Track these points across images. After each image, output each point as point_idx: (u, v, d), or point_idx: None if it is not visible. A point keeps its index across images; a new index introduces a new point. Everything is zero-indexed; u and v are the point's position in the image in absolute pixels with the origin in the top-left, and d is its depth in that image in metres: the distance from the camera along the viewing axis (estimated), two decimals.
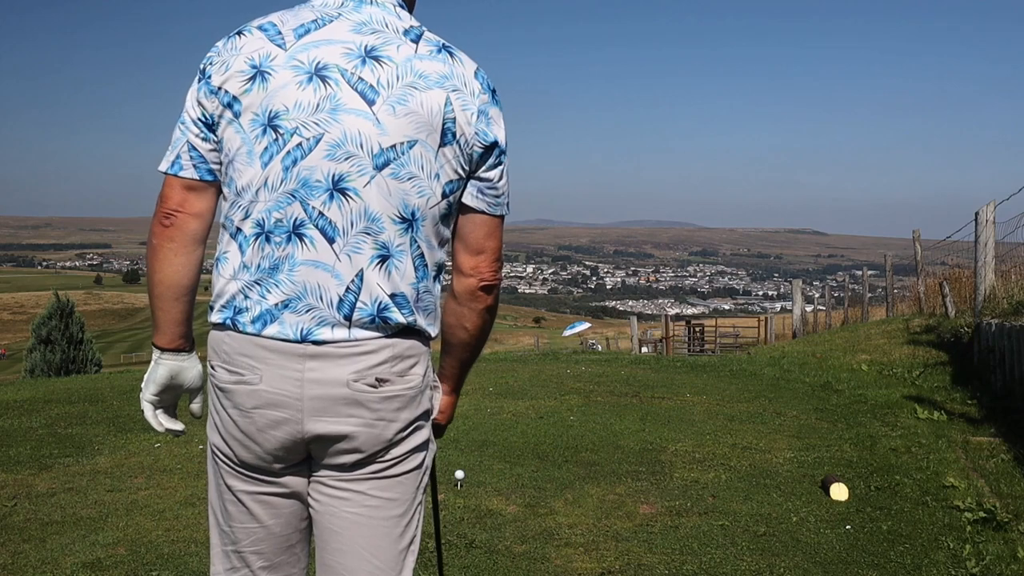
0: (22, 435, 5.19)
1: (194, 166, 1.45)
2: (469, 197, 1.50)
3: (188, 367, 1.55)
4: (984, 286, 8.03)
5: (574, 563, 3.13)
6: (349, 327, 1.42)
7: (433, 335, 1.54)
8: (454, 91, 1.44)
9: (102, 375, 10.27)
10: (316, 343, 1.41)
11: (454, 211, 1.51)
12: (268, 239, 1.42)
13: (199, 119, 1.45)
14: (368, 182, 1.41)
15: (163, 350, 1.53)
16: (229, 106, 1.42)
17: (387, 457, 1.49)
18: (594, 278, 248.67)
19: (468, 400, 6.49)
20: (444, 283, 1.58)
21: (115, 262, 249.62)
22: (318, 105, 1.40)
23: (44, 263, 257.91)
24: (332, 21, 1.44)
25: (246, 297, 1.43)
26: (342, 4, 1.47)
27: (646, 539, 3.38)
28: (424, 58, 1.44)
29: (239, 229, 1.44)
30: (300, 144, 1.40)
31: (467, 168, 1.48)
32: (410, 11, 1.54)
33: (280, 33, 1.43)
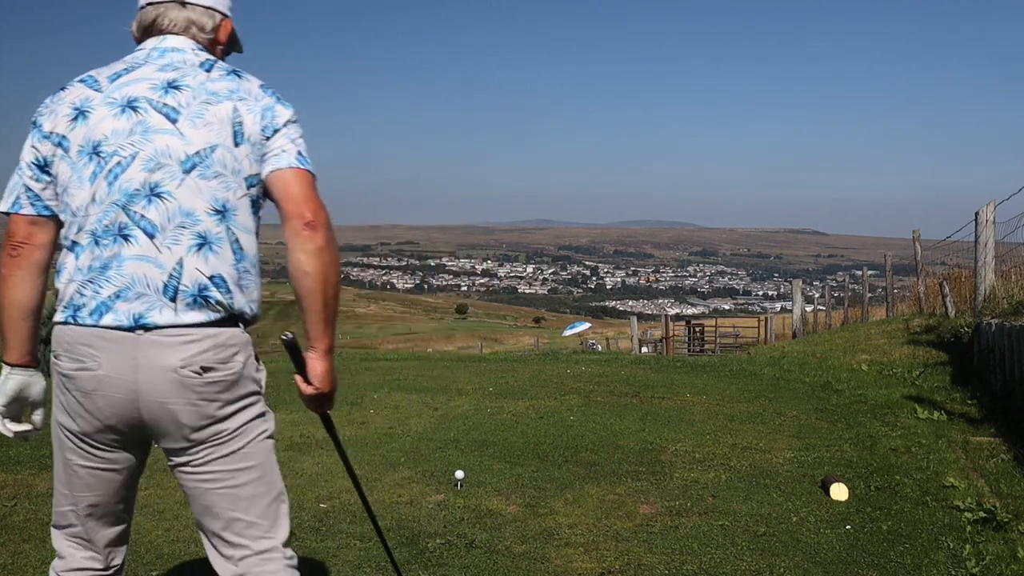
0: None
1: (31, 204, 1.75)
2: (265, 166, 1.77)
3: (34, 382, 1.83)
4: (984, 286, 8.03)
5: (574, 563, 3.13)
6: (175, 309, 1.67)
7: (249, 315, 1.77)
8: (240, 100, 1.76)
9: None
10: (147, 328, 1.66)
11: (260, 202, 1.80)
12: (98, 243, 1.69)
13: (33, 162, 1.75)
14: (179, 184, 1.69)
15: (13, 366, 1.80)
16: (60, 144, 1.73)
17: (222, 433, 1.73)
18: (594, 278, 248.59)
19: (468, 400, 6.49)
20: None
21: None
22: (131, 130, 1.71)
23: None
24: (141, 66, 1.78)
25: (82, 295, 1.69)
26: (148, 54, 1.80)
27: (646, 539, 3.38)
28: (215, 80, 1.77)
29: (75, 242, 1.71)
30: (119, 162, 1.69)
31: (259, 162, 1.77)
32: (222, 58, 1.90)
33: (97, 81, 1.77)
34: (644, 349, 23.62)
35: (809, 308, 19.28)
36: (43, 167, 1.75)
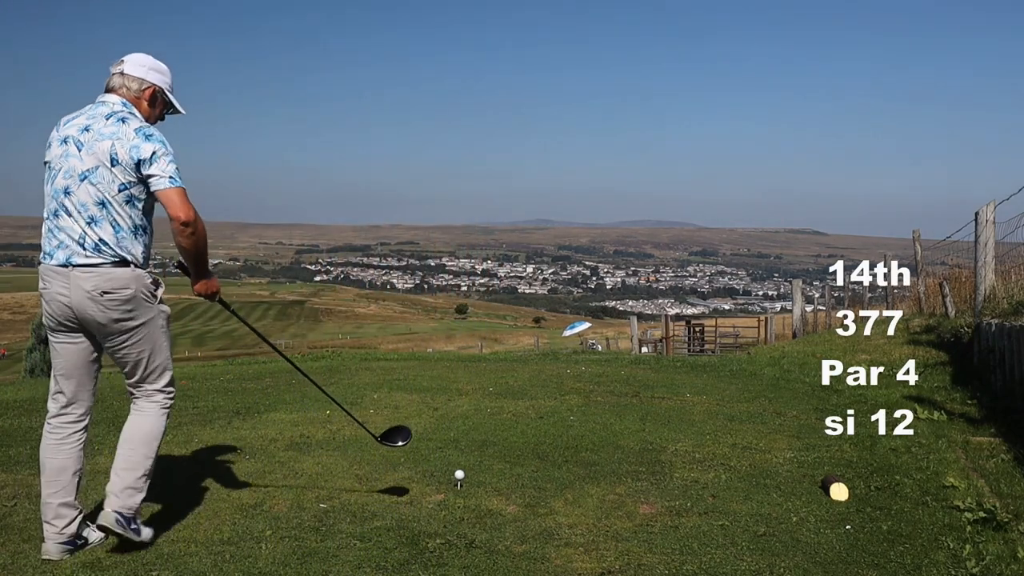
0: (22, 435, 5.19)
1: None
2: (152, 187, 3.07)
3: None
4: (984, 286, 8.03)
5: (574, 563, 3.12)
6: (86, 255, 3.04)
7: (133, 261, 3.10)
8: (117, 140, 3.06)
9: (101, 375, 10.25)
10: (73, 266, 3.04)
11: (135, 199, 3.09)
12: (49, 218, 3.11)
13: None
14: (78, 187, 3.06)
15: None
16: (45, 160, 3.17)
17: (123, 328, 3.12)
18: (594, 278, 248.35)
19: (468, 400, 6.49)
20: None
21: None
22: (62, 154, 3.10)
23: None
24: (82, 115, 3.16)
25: (45, 247, 3.12)
26: (92, 105, 3.18)
27: (646, 539, 3.37)
28: (107, 126, 3.09)
29: (45, 215, 3.12)
30: (56, 172, 3.11)
31: (135, 175, 3.06)
32: (152, 110, 3.26)
33: (59, 123, 3.18)
34: (644, 349, 23.62)
35: (809, 308, 19.26)
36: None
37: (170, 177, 3.04)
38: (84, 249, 3.02)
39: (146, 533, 3.19)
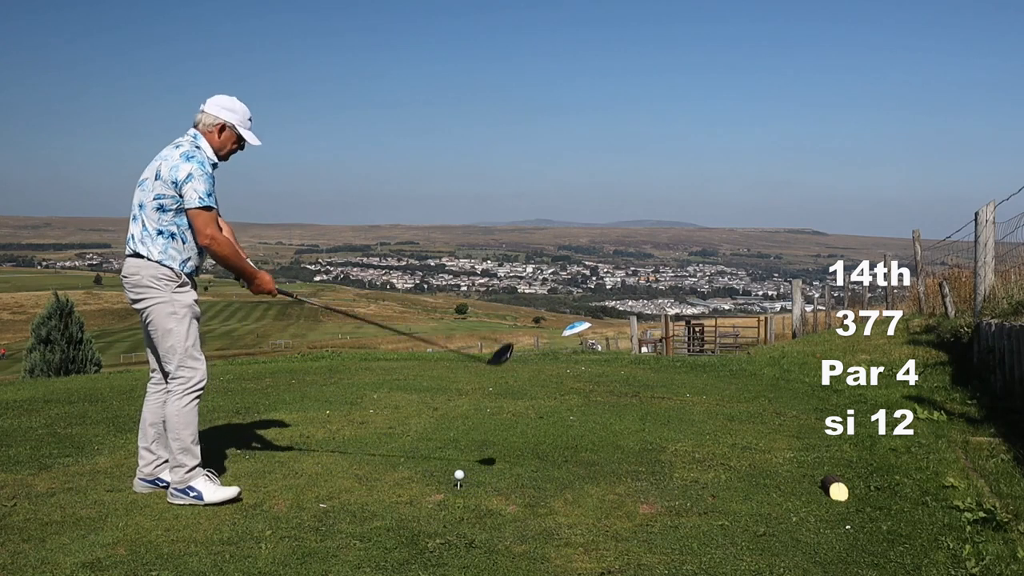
0: (22, 435, 5.19)
1: None
2: (184, 203, 3.67)
3: None
4: (984, 286, 8.03)
5: (574, 563, 3.12)
6: (128, 246, 3.78)
7: (147, 257, 3.69)
8: (164, 160, 3.71)
9: (102, 375, 10.26)
10: (125, 254, 3.82)
11: (165, 208, 3.68)
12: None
13: None
14: (135, 192, 3.77)
15: None
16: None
17: (139, 308, 3.77)
18: (594, 278, 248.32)
19: (468, 400, 6.49)
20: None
21: (115, 262, 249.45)
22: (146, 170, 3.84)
23: (44, 263, 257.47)
24: (168, 145, 3.83)
25: None
26: (182, 136, 3.85)
27: (646, 539, 3.37)
28: (168, 149, 3.77)
29: None
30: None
31: (172, 189, 3.66)
32: (223, 143, 3.86)
33: None
34: (644, 349, 23.62)
35: (809, 308, 19.26)
36: None
37: (199, 198, 3.62)
38: (128, 242, 3.76)
39: (208, 493, 3.68)
